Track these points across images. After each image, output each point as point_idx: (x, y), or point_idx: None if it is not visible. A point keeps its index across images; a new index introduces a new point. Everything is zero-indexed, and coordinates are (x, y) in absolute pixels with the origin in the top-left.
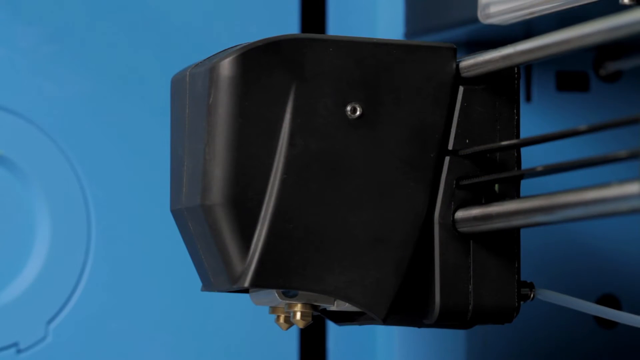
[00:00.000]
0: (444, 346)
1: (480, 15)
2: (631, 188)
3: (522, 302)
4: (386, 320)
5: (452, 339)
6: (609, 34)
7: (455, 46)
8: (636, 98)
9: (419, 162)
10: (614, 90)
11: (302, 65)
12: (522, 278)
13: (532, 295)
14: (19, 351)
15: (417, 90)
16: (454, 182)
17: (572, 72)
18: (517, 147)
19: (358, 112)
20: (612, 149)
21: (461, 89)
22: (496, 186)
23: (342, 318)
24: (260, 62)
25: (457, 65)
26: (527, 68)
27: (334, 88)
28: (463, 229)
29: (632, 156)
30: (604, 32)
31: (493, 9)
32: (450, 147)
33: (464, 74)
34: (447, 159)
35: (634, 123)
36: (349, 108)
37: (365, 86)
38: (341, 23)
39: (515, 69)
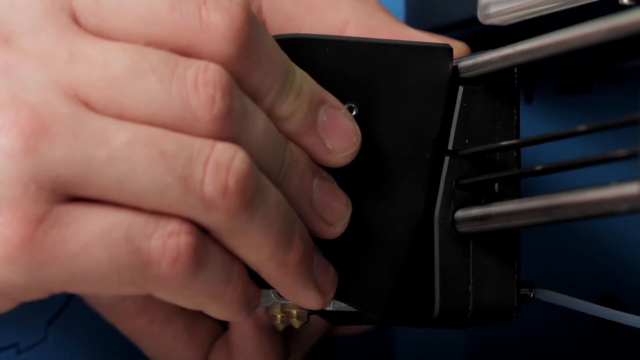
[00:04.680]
0: (444, 346)
1: (480, 15)
2: (631, 188)
3: (522, 303)
4: (383, 320)
5: (452, 339)
6: (609, 34)
7: (451, 46)
8: (638, 99)
9: (415, 163)
10: (616, 91)
11: (300, 65)
12: (522, 278)
13: (532, 295)
14: (19, 351)
15: (413, 90)
16: (454, 182)
17: (574, 74)
18: (517, 148)
19: (354, 112)
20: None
21: (461, 89)
22: (496, 186)
23: (338, 319)
24: None
25: (456, 66)
26: (528, 69)
27: (330, 88)
28: (463, 229)
29: (631, 155)
30: (604, 32)
31: (493, 9)
32: (450, 147)
33: (464, 75)
34: (446, 159)
35: (634, 124)
36: (345, 106)
37: (362, 86)
38: None
39: (515, 69)
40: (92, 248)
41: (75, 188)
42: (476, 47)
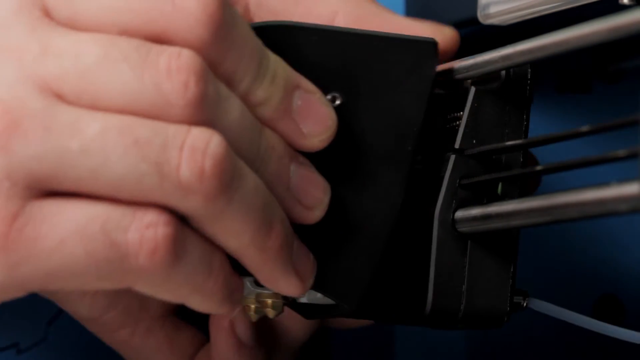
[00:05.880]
0: (444, 346)
1: (480, 15)
2: (631, 188)
3: (514, 312)
4: (357, 313)
5: (453, 339)
6: (609, 34)
7: (436, 40)
8: (638, 99)
9: (396, 155)
10: (616, 91)
11: (284, 53)
12: (520, 276)
13: (524, 305)
14: (19, 351)
15: (397, 83)
16: (458, 181)
17: (573, 74)
18: (522, 148)
19: (337, 102)
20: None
21: (472, 89)
22: (499, 188)
23: (312, 312)
24: None
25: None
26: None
27: (315, 77)
28: (462, 228)
29: (631, 155)
30: (604, 32)
31: (493, 9)
32: (456, 145)
33: (464, 75)
34: (452, 157)
35: (636, 124)
36: (328, 97)
37: (345, 76)
38: None
39: (528, 74)
40: (69, 243)
41: (50, 182)
42: (476, 47)
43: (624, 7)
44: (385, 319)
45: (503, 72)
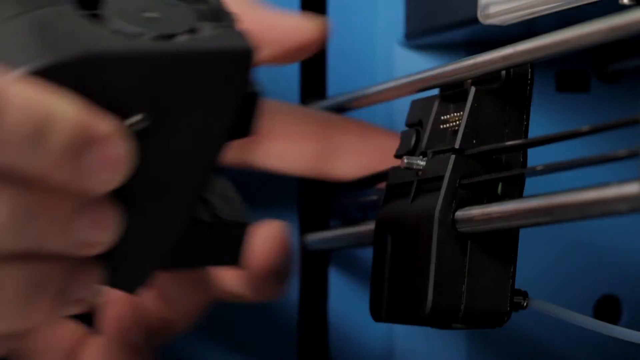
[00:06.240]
0: (444, 346)
1: (480, 15)
2: (631, 188)
3: (514, 311)
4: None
5: (452, 339)
6: (609, 34)
7: (251, 50)
8: (637, 98)
9: (198, 168)
10: (615, 90)
11: (86, 84)
12: (520, 276)
13: (524, 304)
14: None
15: (206, 96)
16: (457, 181)
17: (572, 73)
18: (522, 148)
19: (144, 125)
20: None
21: (472, 89)
22: (499, 188)
23: None
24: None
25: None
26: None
27: (120, 102)
28: (463, 228)
29: (632, 155)
30: (604, 32)
31: (493, 9)
32: (457, 145)
33: (464, 75)
34: (452, 157)
35: (636, 123)
36: (133, 120)
37: (154, 97)
38: (341, 23)
39: (529, 74)
40: None
41: None
42: (476, 47)
43: (624, 7)
44: (388, 319)
45: (503, 72)
